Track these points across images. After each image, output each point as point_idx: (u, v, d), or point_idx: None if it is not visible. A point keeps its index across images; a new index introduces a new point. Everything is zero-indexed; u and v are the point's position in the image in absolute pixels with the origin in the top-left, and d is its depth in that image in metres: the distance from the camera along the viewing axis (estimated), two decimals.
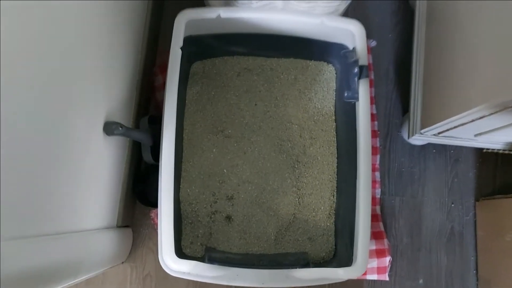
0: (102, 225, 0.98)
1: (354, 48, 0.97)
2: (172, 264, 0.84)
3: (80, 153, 0.80)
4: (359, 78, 0.93)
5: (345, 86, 0.95)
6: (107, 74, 0.89)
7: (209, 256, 0.99)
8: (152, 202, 1.13)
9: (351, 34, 0.98)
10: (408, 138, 1.09)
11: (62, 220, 0.76)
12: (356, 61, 0.92)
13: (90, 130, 0.83)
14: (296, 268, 0.94)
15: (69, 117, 0.73)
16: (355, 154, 1.02)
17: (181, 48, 0.96)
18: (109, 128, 0.89)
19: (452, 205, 1.20)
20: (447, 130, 0.99)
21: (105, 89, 0.89)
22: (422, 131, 1.06)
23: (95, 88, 0.83)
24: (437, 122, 0.97)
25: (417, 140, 1.12)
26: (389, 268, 1.13)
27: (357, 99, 0.95)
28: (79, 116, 0.77)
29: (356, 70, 0.91)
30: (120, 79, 0.98)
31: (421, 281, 1.16)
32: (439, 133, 1.04)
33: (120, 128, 0.90)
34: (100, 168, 0.92)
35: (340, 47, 1.06)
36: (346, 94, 0.96)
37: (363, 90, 0.94)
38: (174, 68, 0.92)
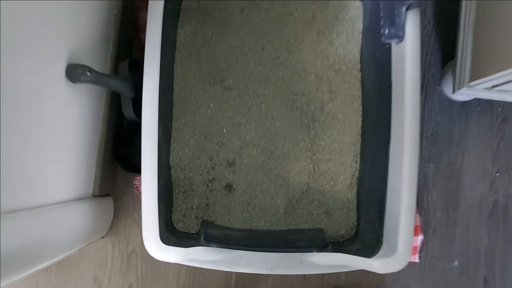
0: (71, 196, 0.78)
1: None
2: (157, 252, 0.65)
3: (28, 104, 0.59)
4: (407, 9, 0.71)
5: (386, 21, 0.73)
6: (67, 2, 0.66)
7: (206, 233, 0.81)
8: (137, 167, 0.93)
9: None
10: (453, 92, 0.88)
11: (5, 195, 0.56)
12: None
13: (43, 74, 0.62)
14: (313, 251, 0.76)
15: (5, 55, 0.52)
16: (388, 111, 0.82)
17: None
18: (74, 73, 0.68)
19: (497, 174, 1.00)
20: (508, 82, 0.77)
21: (66, 21, 0.67)
22: (472, 83, 0.84)
23: (51, 18, 0.61)
24: (496, 72, 0.76)
25: (462, 95, 0.91)
26: (419, 247, 0.95)
27: (401, 37, 0.72)
28: (22, 54, 0.55)
29: None
30: (91, 11, 0.75)
31: (456, 262, 0.98)
32: (493, 86, 0.83)
33: (89, 73, 0.69)
34: (62, 125, 0.71)
35: None
36: (386, 32, 0.73)
37: (413, 25, 0.71)
38: None
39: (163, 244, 0.64)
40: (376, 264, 0.65)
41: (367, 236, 0.85)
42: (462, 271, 0.98)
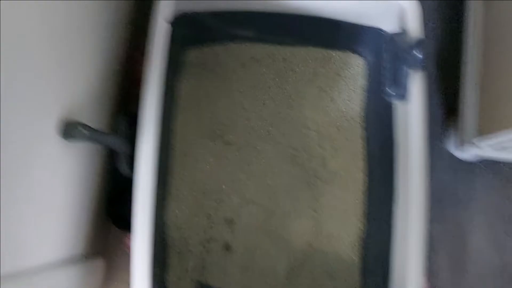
0: (58, 259, 0.73)
1: (404, 30, 0.73)
2: None
3: (16, 162, 0.55)
4: (411, 69, 0.69)
5: (389, 80, 0.72)
6: (63, 55, 0.65)
7: None
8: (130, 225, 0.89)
9: (397, 11, 0.74)
10: (457, 150, 0.85)
11: None
12: (418, 45, 0.67)
13: (34, 131, 0.59)
14: None
15: None
16: (392, 170, 0.79)
17: (172, 26, 0.73)
18: (68, 130, 0.65)
19: (508, 237, 0.96)
20: None
21: (62, 76, 0.65)
22: (477, 142, 0.82)
23: (43, 73, 0.59)
24: (503, 130, 0.74)
25: (467, 153, 0.89)
26: None
27: (404, 98, 0.71)
28: (11, 109, 0.53)
29: (419, 56, 0.66)
30: (88, 65, 0.74)
31: None
32: (502, 147, 0.81)
33: (84, 131, 0.66)
34: (53, 183, 0.68)
35: (374, 32, 0.83)
36: (390, 92, 0.72)
37: (418, 87, 0.70)
38: (157, 48, 0.68)
39: None
40: None
41: None
42: None
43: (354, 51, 0.93)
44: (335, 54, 0.94)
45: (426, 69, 0.69)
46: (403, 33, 0.72)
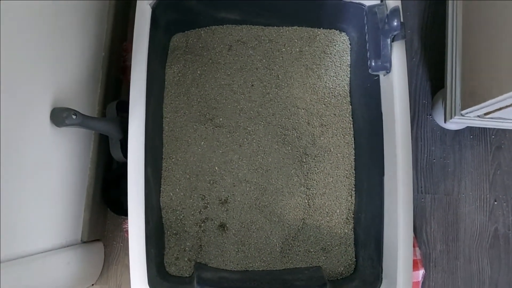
0: (58, 244, 0.75)
1: (384, 1, 0.74)
2: None
3: (10, 150, 0.57)
4: (393, 40, 0.71)
5: (372, 53, 0.73)
6: (52, 45, 0.66)
7: (199, 277, 0.78)
8: (127, 210, 0.91)
9: None
10: (445, 121, 0.87)
11: None
12: (394, 14, 0.68)
13: (25, 119, 0.61)
14: None
15: None
16: (380, 143, 0.81)
17: (155, 12, 0.74)
18: (58, 116, 0.67)
19: (495, 202, 0.98)
20: (500, 109, 0.77)
21: (50, 65, 0.66)
22: (464, 112, 0.84)
23: (34, 62, 0.61)
24: (488, 99, 0.75)
25: (454, 124, 0.91)
26: (421, 282, 0.92)
27: (388, 69, 0.72)
28: (2, 98, 0.54)
29: (394, 24, 0.67)
30: (77, 54, 0.75)
31: None
32: (485, 113, 0.82)
33: (74, 117, 0.67)
34: (48, 169, 0.70)
35: (357, 7, 0.84)
36: (373, 64, 0.73)
37: (399, 57, 0.71)
38: (141, 32, 0.70)
39: None
40: None
41: (366, 272, 0.82)
42: None
43: (338, 29, 0.94)
44: (320, 32, 0.95)
45: (406, 37, 0.69)
46: (381, 4, 0.73)
